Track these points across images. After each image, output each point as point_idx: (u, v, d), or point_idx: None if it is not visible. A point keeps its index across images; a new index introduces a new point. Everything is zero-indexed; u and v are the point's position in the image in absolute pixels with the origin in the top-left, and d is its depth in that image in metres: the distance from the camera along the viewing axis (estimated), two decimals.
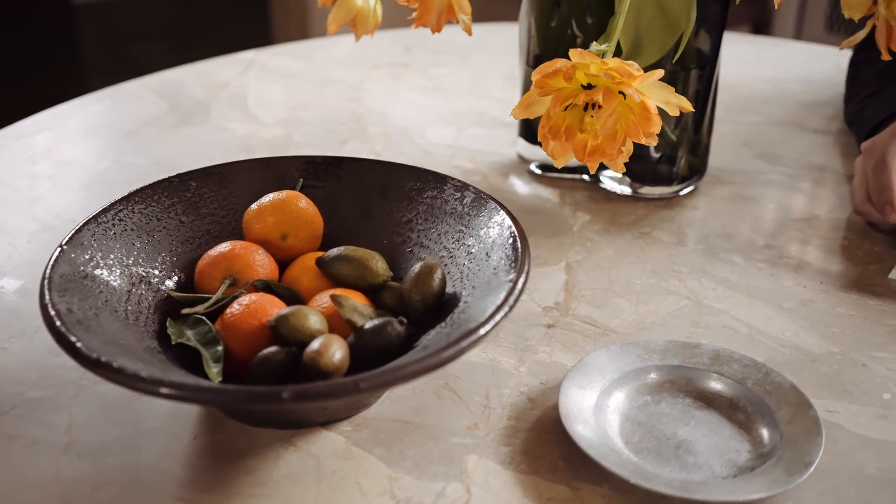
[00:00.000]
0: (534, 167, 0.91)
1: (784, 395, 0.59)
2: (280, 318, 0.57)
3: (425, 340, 0.58)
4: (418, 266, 0.62)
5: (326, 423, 0.60)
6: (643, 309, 0.71)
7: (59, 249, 0.60)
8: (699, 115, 0.84)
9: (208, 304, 0.61)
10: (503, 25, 1.35)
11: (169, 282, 0.65)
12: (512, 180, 0.91)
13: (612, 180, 0.87)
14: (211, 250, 0.64)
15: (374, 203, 0.71)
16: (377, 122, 1.04)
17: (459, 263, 0.64)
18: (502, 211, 0.65)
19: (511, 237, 0.62)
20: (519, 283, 0.57)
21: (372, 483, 0.55)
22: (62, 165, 0.94)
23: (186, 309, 0.60)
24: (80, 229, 0.62)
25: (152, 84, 1.14)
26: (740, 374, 0.61)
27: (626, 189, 0.87)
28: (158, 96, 1.10)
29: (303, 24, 2.90)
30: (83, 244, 0.62)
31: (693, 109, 0.66)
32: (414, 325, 0.61)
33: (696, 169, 0.87)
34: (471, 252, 0.64)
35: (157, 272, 0.65)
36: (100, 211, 0.64)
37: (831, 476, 0.55)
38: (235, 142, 0.99)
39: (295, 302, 0.63)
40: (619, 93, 0.63)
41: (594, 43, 0.66)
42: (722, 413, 0.60)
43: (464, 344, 0.52)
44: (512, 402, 0.62)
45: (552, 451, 0.58)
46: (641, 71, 0.62)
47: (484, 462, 0.57)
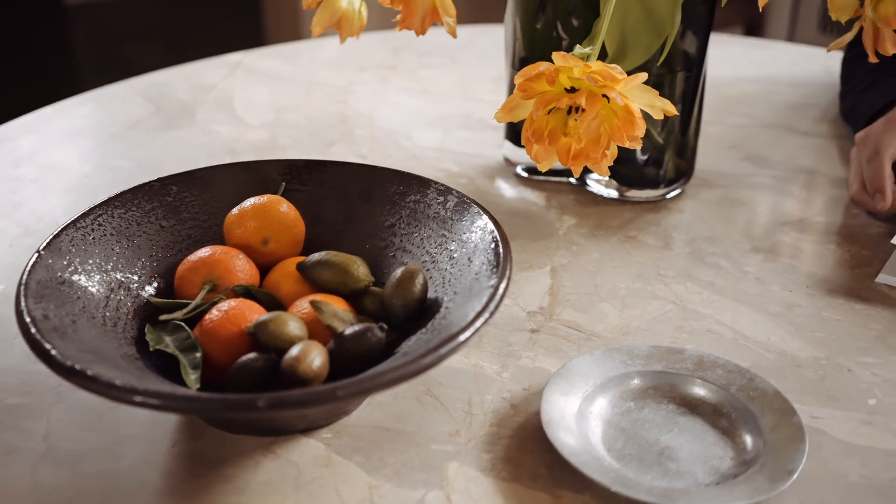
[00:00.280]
0: (520, 170, 0.91)
1: (768, 402, 0.59)
2: (259, 325, 0.57)
3: (406, 347, 0.58)
4: (400, 271, 0.62)
5: (307, 430, 0.59)
6: (628, 313, 0.70)
7: (36, 255, 0.59)
8: (686, 117, 0.84)
9: (187, 310, 0.60)
10: (492, 27, 1.34)
11: (149, 287, 0.64)
12: (498, 183, 0.90)
13: (599, 183, 0.87)
14: (191, 255, 0.64)
15: (357, 207, 0.70)
16: (364, 124, 1.03)
17: (442, 268, 0.64)
18: (485, 215, 0.64)
19: (493, 242, 0.61)
20: (500, 289, 0.56)
21: (351, 491, 0.55)
22: (46, 169, 0.93)
23: (165, 315, 0.60)
24: (58, 234, 0.62)
25: (138, 86, 1.13)
26: (724, 380, 0.61)
27: (613, 192, 0.86)
28: (144, 99, 1.10)
29: (295, 25, 2.89)
30: (61, 249, 0.61)
31: (677, 113, 0.66)
32: (395, 330, 0.60)
33: (682, 172, 0.87)
34: (453, 257, 0.64)
35: (136, 277, 0.64)
36: (79, 216, 0.64)
37: (815, 483, 0.55)
38: (220, 144, 0.98)
39: (275, 307, 0.62)
40: (603, 96, 0.62)
41: (578, 46, 0.66)
42: (705, 419, 0.59)
43: (443, 351, 0.51)
44: (494, 409, 0.61)
45: (534, 458, 0.57)
46: (625, 74, 0.61)
47: (465, 469, 0.56)
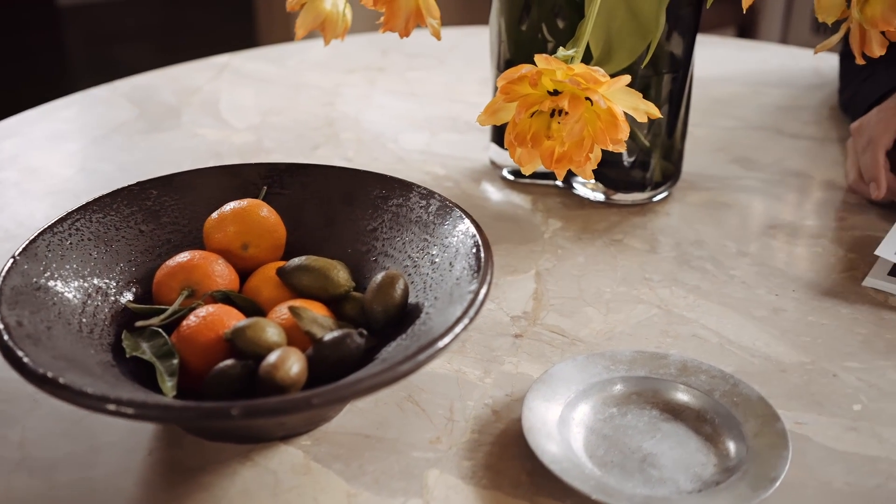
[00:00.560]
0: (506, 173, 0.90)
1: (751, 408, 0.58)
2: (237, 331, 0.56)
3: (385, 353, 0.57)
4: (380, 276, 0.61)
5: (286, 438, 0.58)
6: (612, 318, 0.70)
7: (11, 260, 0.59)
8: (672, 119, 0.83)
9: (164, 317, 0.59)
10: (481, 29, 1.34)
11: (127, 293, 0.63)
12: (484, 186, 0.90)
13: (586, 186, 0.86)
14: (169, 260, 0.63)
15: (339, 211, 0.69)
16: (350, 127, 1.02)
17: (423, 273, 0.63)
18: (467, 219, 0.64)
19: (475, 246, 0.61)
20: (480, 295, 0.56)
21: (330, 499, 0.54)
22: (27, 172, 0.92)
23: (141, 321, 0.59)
24: (34, 240, 0.61)
25: (123, 89, 1.12)
26: (708, 386, 0.60)
27: (600, 195, 0.86)
28: (129, 101, 1.09)
29: (287, 27, 2.89)
30: (37, 255, 0.60)
31: (661, 116, 0.65)
32: (375, 336, 0.60)
33: (669, 174, 0.86)
34: (435, 261, 0.63)
35: (114, 283, 0.63)
36: (56, 221, 0.63)
37: (798, 490, 0.54)
38: (205, 148, 0.97)
39: (255, 313, 0.61)
40: (586, 99, 0.62)
41: (562, 48, 0.65)
42: (689, 425, 0.59)
43: (420, 358, 0.51)
44: (476, 415, 0.61)
45: (515, 465, 0.56)
46: (608, 77, 0.61)
47: (445, 477, 0.56)
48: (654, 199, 0.86)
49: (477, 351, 0.66)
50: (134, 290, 0.64)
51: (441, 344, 0.52)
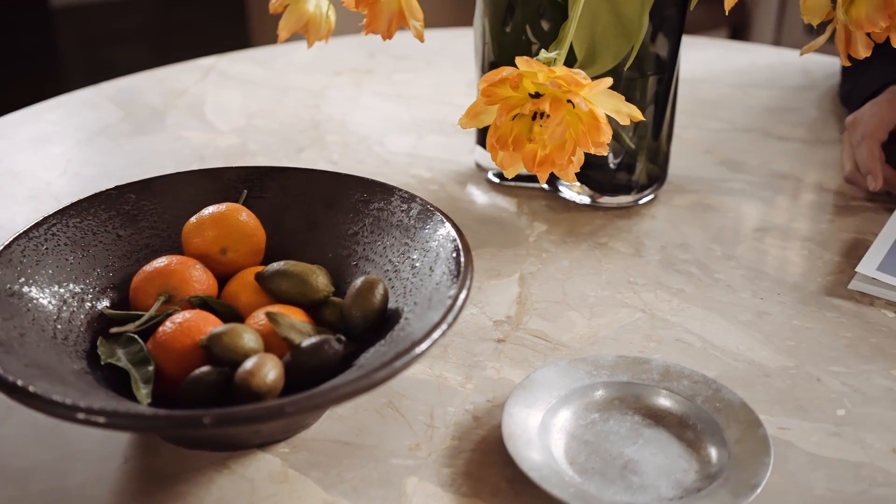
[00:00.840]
0: (491, 175, 0.90)
1: (734, 413, 0.57)
2: (213, 337, 0.55)
3: (363, 359, 0.56)
4: (359, 281, 0.60)
5: (264, 445, 0.58)
6: (596, 322, 0.69)
7: None
8: (658, 121, 0.83)
9: (139, 323, 0.59)
10: (470, 30, 1.33)
11: (104, 299, 0.63)
12: (469, 189, 0.89)
13: (571, 189, 0.86)
14: (147, 266, 0.62)
15: (320, 215, 0.69)
16: (336, 130, 1.02)
17: (403, 278, 0.62)
18: (448, 223, 0.63)
19: (455, 251, 0.60)
20: (459, 300, 0.55)
21: None
22: (10, 175, 0.91)
23: (115, 328, 0.58)
24: (9, 245, 0.60)
25: (108, 91, 1.11)
26: (690, 391, 0.60)
27: (585, 198, 0.85)
28: (114, 104, 1.08)
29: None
30: (12, 261, 0.60)
31: (644, 118, 0.65)
32: (355, 342, 0.59)
33: (655, 177, 0.86)
34: (415, 266, 0.62)
35: (91, 289, 0.62)
36: (31, 226, 0.62)
37: (779, 497, 0.54)
38: (189, 150, 0.96)
39: (233, 319, 0.61)
40: (568, 101, 0.61)
41: (543, 50, 0.65)
42: (671, 431, 0.58)
43: (397, 364, 0.50)
44: (457, 421, 0.60)
45: (495, 472, 0.56)
46: (589, 79, 0.60)
47: (424, 485, 0.55)
48: (640, 201, 0.85)
49: (459, 356, 0.66)
50: (111, 295, 0.63)
51: (418, 350, 0.51)
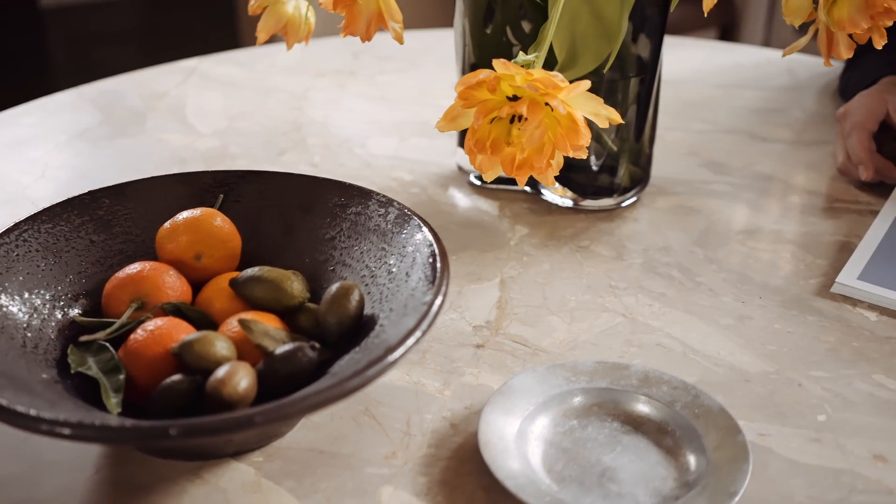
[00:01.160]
0: (473, 178, 0.89)
1: (712, 420, 0.57)
2: (184, 345, 0.55)
3: (337, 366, 0.56)
4: (335, 287, 0.60)
5: (237, 454, 0.57)
6: (576, 327, 0.69)
7: None
8: (640, 123, 0.82)
9: (111, 330, 0.58)
10: None
11: (76, 306, 0.62)
12: (451, 192, 0.88)
13: (553, 192, 0.85)
14: (119, 272, 0.62)
15: (297, 220, 0.68)
16: (317, 132, 1.01)
17: (380, 283, 0.62)
18: (425, 228, 0.62)
19: (431, 256, 0.59)
20: (434, 306, 0.54)
21: None
22: None
23: (85, 336, 0.57)
24: None
25: (89, 94, 1.10)
26: (669, 397, 0.59)
27: (568, 201, 0.84)
28: (94, 106, 1.07)
29: None
30: None
31: (623, 121, 0.64)
32: (330, 348, 0.58)
33: (638, 179, 0.85)
34: (392, 271, 0.62)
35: (63, 296, 0.61)
36: (2, 232, 0.61)
37: None
38: (169, 154, 0.96)
39: (207, 326, 0.60)
40: (546, 104, 0.60)
41: (522, 53, 0.64)
42: (650, 438, 0.57)
43: (370, 373, 0.49)
44: (434, 429, 0.59)
45: (471, 481, 0.55)
46: (567, 82, 0.60)
47: (399, 494, 0.54)
48: (623, 204, 0.85)
49: (437, 362, 0.65)
50: (84, 302, 0.62)
51: (391, 358, 0.50)
